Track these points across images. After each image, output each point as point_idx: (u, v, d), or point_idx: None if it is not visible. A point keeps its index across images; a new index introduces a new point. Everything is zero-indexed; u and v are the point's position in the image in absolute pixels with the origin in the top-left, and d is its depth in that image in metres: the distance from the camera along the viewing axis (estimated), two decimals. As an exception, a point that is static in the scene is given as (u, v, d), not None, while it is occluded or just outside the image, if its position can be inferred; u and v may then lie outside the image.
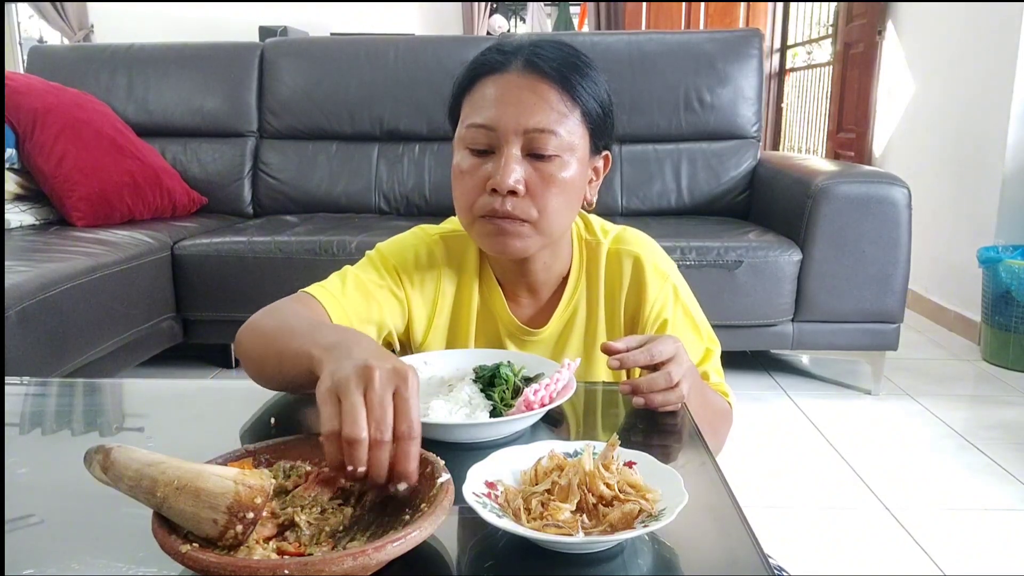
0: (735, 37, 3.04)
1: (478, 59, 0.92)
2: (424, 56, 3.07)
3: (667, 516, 0.55)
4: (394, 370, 0.60)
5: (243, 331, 0.87)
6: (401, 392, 0.59)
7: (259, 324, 0.86)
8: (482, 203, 0.89)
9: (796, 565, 1.52)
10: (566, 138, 0.88)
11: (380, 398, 0.58)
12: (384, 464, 0.58)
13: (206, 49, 3.19)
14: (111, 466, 0.52)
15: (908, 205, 2.36)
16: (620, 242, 1.01)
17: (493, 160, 0.88)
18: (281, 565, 0.49)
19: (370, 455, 0.57)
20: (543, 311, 1.02)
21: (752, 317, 2.43)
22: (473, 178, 0.89)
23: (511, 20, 6.19)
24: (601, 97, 0.91)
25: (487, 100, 0.88)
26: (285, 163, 3.09)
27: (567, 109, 0.88)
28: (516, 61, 0.89)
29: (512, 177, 0.86)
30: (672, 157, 2.99)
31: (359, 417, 0.57)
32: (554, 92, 0.87)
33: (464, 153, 0.90)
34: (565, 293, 1.01)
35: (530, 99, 0.87)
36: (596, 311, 1.01)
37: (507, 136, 0.87)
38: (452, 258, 1.02)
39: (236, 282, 2.49)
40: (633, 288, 1.00)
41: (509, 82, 0.88)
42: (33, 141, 2.57)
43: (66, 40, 5.83)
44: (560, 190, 0.89)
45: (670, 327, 0.99)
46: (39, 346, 1.83)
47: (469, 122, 0.89)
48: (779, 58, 5.89)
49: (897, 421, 2.36)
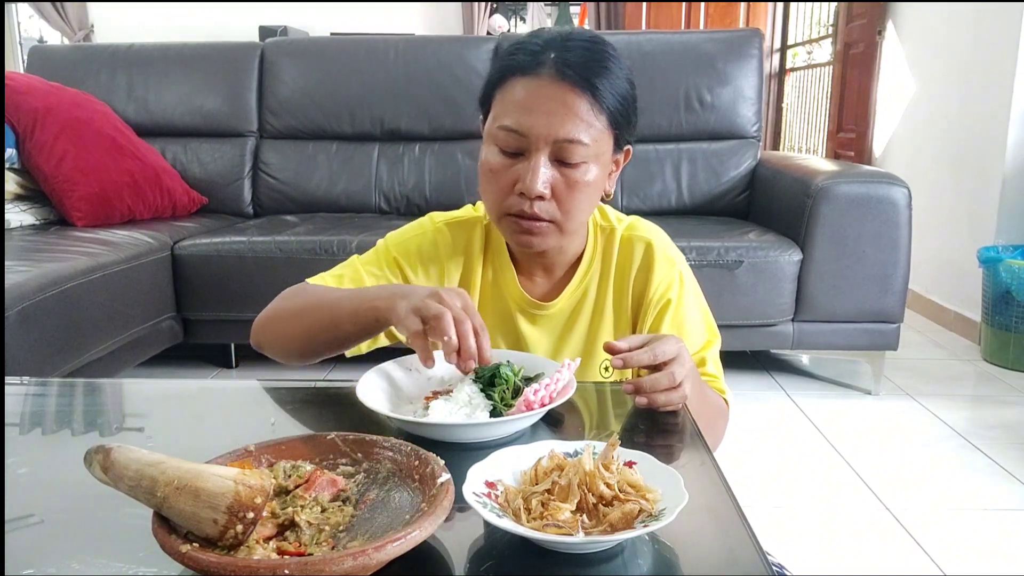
0: (735, 37, 3.04)
1: (508, 56, 0.94)
2: (424, 56, 3.07)
3: (667, 516, 0.55)
4: (457, 290, 0.81)
5: (268, 318, 0.99)
6: (467, 302, 0.80)
7: (289, 306, 0.98)
8: (510, 203, 0.94)
9: (796, 565, 1.52)
10: (592, 147, 0.92)
11: (455, 300, 0.79)
12: (469, 335, 0.77)
13: (206, 49, 3.19)
14: (111, 466, 0.52)
15: (908, 205, 2.36)
16: (633, 229, 1.06)
17: (522, 163, 0.92)
18: (281, 565, 0.49)
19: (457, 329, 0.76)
20: (555, 288, 1.07)
21: (752, 317, 2.43)
22: (502, 178, 0.93)
23: (511, 20, 6.19)
24: (626, 97, 0.94)
25: (518, 104, 0.91)
26: (285, 163, 3.09)
27: (594, 118, 0.91)
28: (547, 64, 0.90)
29: (539, 184, 0.90)
30: (672, 157, 2.99)
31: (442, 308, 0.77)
32: (584, 102, 0.90)
33: (494, 150, 0.94)
34: (578, 272, 1.05)
35: (560, 110, 0.90)
36: (606, 291, 1.05)
37: (537, 143, 0.90)
38: (457, 244, 1.07)
39: (236, 282, 2.50)
40: (642, 270, 1.04)
41: (540, 88, 0.90)
42: (33, 141, 2.57)
43: (66, 40, 5.83)
44: (582, 193, 0.93)
45: (672, 308, 1.02)
46: (39, 346, 1.83)
47: (500, 123, 0.92)
48: (779, 58, 5.89)
49: (897, 421, 2.36)
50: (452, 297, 0.78)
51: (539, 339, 1.06)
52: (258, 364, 2.79)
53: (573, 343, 1.06)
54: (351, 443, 0.67)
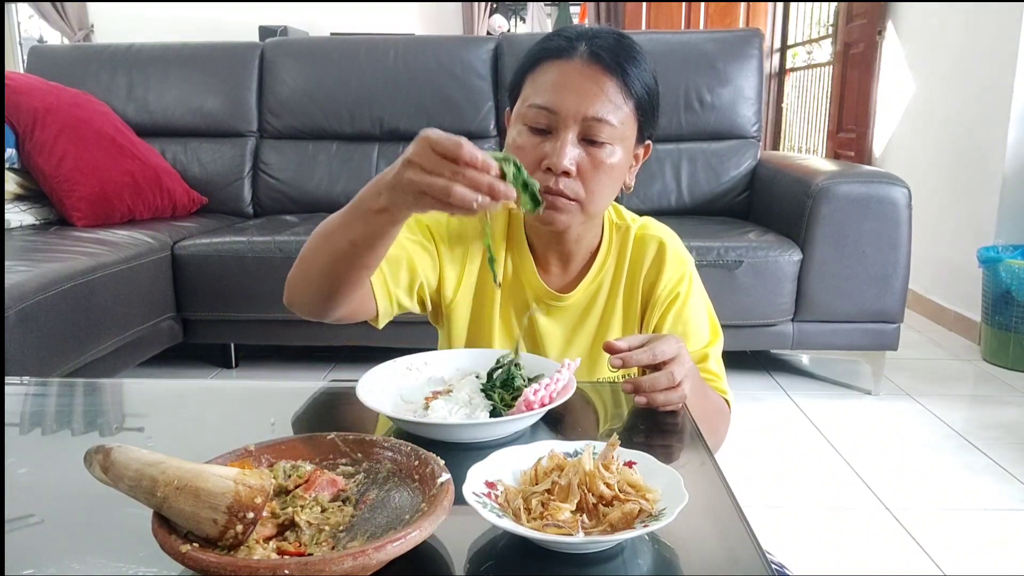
0: (735, 37, 3.04)
1: (543, 43, 0.98)
2: (424, 56, 3.07)
3: (667, 516, 0.55)
4: (448, 135, 0.68)
5: (292, 272, 0.92)
6: (460, 140, 0.68)
7: (304, 251, 0.91)
8: (536, 178, 0.93)
9: (796, 565, 1.52)
10: (619, 129, 0.94)
11: (448, 142, 0.68)
12: (483, 179, 0.67)
13: (206, 49, 3.19)
14: (111, 466, 0.52)
15: (908, 205, 2.36)
16: (647, 228, 1.09)
17: (550, 140, 0.94)
18: (281, 565, 0.49)
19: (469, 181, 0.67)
20: (571, 281, 1.08)
21: (752, 317, 2.44)
22: (530, 155, 0.94)
23: (511, 20, 6.19)
24: (651, 88, 0.98)
25: (550, 84, 0.94)
26: (285, 163, 3.09)
27: (623, 101, 0.94)
28: (580, 49, 0.94)
29: (567, 159, 0.92)
30: (672, 157, 2.99)
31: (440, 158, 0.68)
32: (613, 84, 0.93)
33: (523, 129, 0.96)
34: (593, 266, 1.07)
35: (592, 89, 0.93)
36: (618, 287, 1.07)
37: (566, 121, 0.93)
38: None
39: (236, 282, 2.50)
40: (653, 268, 1.06)
41: (573, 69, 0.94)
42: (33, 141, 2.57)
43: (66, 40, 5.83)
44: (607, 175, 0.95)
45: (679, 303, 1.04)
46: (39, 346, 1.83)
47: (531, 102, 0.95)
48: (779, 58, 5.89)
49: (897, 421, 2.36)
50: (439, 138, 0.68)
51: (553, 331, 1.07)
52: (258, 364, 2.80)
53: (585, 336, 1.07)
54: (351, 443, 0.67)
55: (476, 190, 0.68)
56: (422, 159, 0.69)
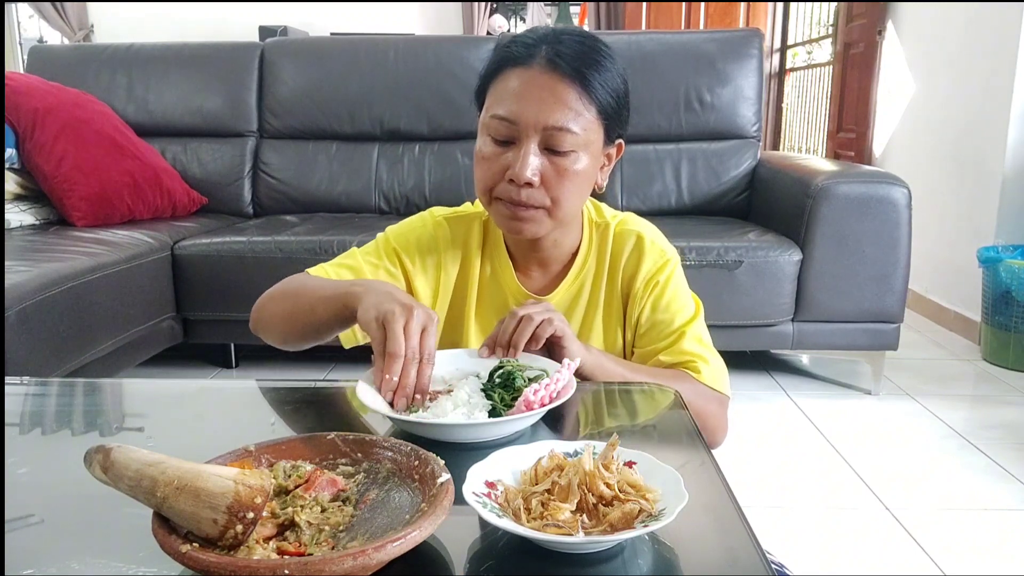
0: (735, 37, 3.03)
1: (503, 49, 0.97)
2: (424, 56, 3.07)
3: (667, 516, 0.55)
4: (427, 312, 0.80)
5: (264, 300, 1.02)
6: (428, 329, 0.79)
7: (283, 289, 1.01)
8: (500, 189, 0.95)
9: (796, 565, 1.52)
10: (581, 135, 0.93)
11: (416, 330, 0.78)
12: (413, 377, 0.77)
13: (206, 49, 3.19)
14: (111, 466, 0.52)
15: (908, 205, 2.35)
16: (626, 224, 1.09)
17: (513, 151, 0.93)
18: (281, 565, 0.49)
19: (404, 370, 0.76)
20: (551, 283, 1.09)
21: (752, 317, 2.43)
22: (494, 165, 0.95)
23: (511, 20, 6.19)
24: (618, 91, 0.96)
25: (510, 93, 0.93)
26: (285, 163, 3.09)
27: (584, 107, 0.92)
28: (539, 56, 0.93)
29: (528, 171, 0.92)
30: (672, 157, 2.99)
31: (402, 341, 0.77)
32: (573, 92, 0.92)
33: (487, 139, 0.96)
34: (574, 267, 1.07)
35: (550, 98, 0.91)
36: (600, 285, 1.08)
37: (527, 131, 0.92)
38: (456, 238, 1.09)
39: (236, 282, 2.49)
40: (632, 260, 1.06)
41: (532, 78, 0.92)
42: (33, 141, 2.57)
43: (66, 40, 5.83)
44: (572, 182, 0.94)
45: (658, 289, 1.04)
46: (39, 346, 1.83)
47: (492, 112, 0.94)
48: (779, 58, 5.89)
49: (897, 421, 2.36)
50: (420, 322, 0.78)
51: None
52: (258, 364, 2.79)
53: None
54: (351, 443, 0.67)
55: (405, 377, 0.77)
56: (398, 327, 0.77)
